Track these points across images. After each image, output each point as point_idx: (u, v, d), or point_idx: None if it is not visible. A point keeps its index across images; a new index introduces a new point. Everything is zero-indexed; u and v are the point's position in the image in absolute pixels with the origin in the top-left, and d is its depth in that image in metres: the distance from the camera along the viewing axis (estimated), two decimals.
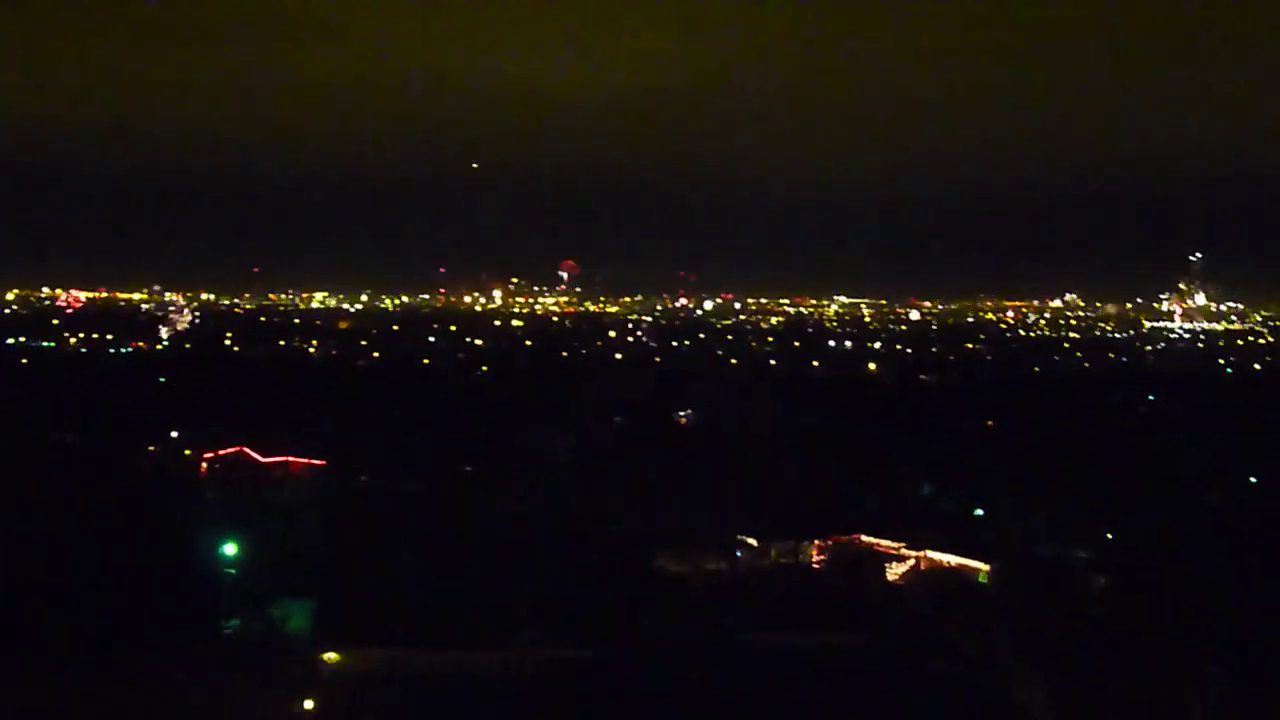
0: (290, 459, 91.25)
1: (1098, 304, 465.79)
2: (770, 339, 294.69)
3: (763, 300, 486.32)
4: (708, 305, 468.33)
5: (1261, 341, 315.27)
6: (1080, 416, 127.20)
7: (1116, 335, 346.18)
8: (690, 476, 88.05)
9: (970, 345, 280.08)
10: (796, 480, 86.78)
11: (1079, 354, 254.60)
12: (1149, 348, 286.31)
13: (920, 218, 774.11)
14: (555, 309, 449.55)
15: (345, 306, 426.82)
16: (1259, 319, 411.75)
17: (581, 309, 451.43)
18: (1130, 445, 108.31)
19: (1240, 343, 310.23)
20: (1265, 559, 60.28)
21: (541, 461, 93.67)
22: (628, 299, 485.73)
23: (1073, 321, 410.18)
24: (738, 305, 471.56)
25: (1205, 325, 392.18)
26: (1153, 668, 48.23)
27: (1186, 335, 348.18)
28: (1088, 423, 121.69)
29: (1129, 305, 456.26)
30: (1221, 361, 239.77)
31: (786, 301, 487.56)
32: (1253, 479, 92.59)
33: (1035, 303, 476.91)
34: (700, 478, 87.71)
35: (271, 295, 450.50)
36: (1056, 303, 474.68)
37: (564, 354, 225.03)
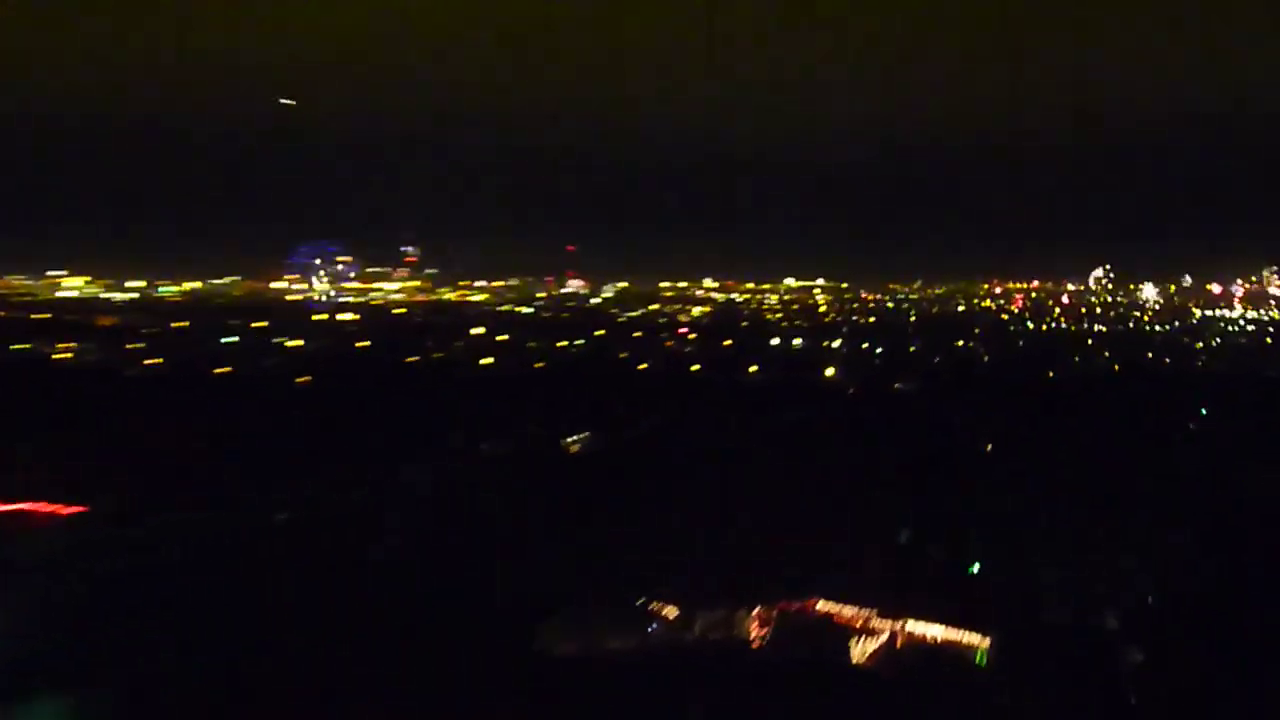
0: (33, 506, 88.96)
1: (1131, 286, 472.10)
2: (692, 335, 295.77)
3: (680, 284, 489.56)
4: (607, 291, 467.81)
5: None
6: (1108, 437, 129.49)
7: (1157, 327, 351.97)
8: (586, 523, 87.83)
9: (961, 342, 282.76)
10: (730, 527, 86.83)
11: (1107, 353, 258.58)
12: (1199, 345, 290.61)
13: (891, 179, 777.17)
14: (400, 297, 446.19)
15: (109, 296, 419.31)
16: None
17: (435, 297, 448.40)
18: (1173, 476, 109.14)
19: None
20: None
21: (382, 505, 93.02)
22: (499, 283, 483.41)
23: (1097, 309, 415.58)
24: (647, 290, 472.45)
25: (1277, 314, 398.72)
26: None
27: (1250, 326, 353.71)
28: (1117, 446, 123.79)
29: (1172, 288, 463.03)
30: None
31: (714, 285, 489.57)
32: None
33: (1050, 284, 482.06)
34: (599, 525, 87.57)
35: (7, 281, 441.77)
36: (1072, 285, 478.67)
37: (412, 359, 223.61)
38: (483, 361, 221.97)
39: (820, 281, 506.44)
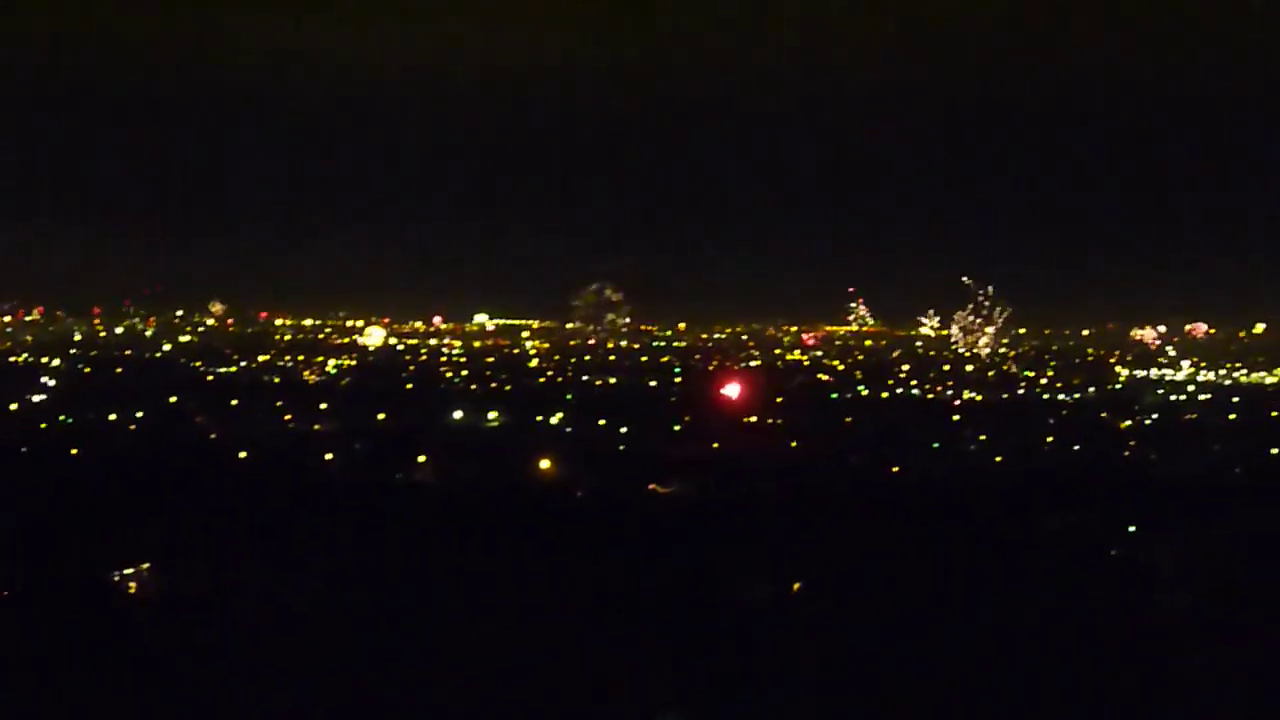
0: None
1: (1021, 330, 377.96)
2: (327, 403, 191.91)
3: (282, 321, 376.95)
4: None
5: None
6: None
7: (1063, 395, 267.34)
8: None
9: (755, 418, 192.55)
10: None
11: (983, 437, 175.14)
12: (1127, 423, 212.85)
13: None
14: None
15: None
16: None
17: None
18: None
19: None
20: None
21: None
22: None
23: (966, 367, 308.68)
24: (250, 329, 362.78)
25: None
26: None
27: (1197, 391, 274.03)
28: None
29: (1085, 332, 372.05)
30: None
31: (332, 324, 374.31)
32: None
33: (869, 323, 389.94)
34: None
35: None
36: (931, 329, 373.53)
37: None
38: None
39: (531, 320, 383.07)
